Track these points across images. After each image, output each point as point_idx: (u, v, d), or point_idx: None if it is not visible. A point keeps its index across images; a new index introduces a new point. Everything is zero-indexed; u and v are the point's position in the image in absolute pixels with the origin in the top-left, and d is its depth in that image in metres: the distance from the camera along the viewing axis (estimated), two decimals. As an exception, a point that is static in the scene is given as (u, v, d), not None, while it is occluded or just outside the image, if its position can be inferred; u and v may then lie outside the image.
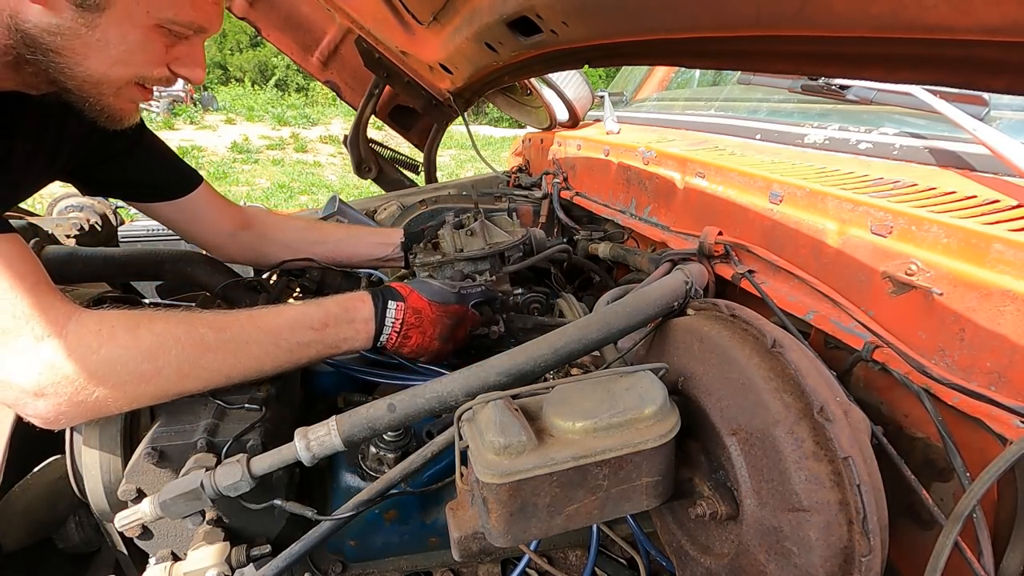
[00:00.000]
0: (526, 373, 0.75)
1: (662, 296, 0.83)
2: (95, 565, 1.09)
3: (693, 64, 1.61)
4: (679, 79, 2.26)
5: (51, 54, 0.79)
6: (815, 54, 0.56)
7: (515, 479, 0.59)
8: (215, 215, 1.27)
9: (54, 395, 0.72)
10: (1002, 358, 0.62)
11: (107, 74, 0.84)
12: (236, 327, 0.84)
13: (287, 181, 8.42)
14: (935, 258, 0.69)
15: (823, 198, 0.87)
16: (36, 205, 3.42)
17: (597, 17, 0.74)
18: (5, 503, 0.93)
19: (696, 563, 0.74)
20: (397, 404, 0.74)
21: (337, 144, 10.71)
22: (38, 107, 0.88)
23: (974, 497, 0.53)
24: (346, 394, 1.10)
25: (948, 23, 0.38)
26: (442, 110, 2.04)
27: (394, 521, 0.96)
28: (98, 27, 0.79)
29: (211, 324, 0.82)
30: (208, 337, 0.81)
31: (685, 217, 1.21)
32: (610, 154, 1.59)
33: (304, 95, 13.90)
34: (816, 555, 0.57)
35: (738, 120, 1.50)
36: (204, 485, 0.73)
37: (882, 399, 0.79)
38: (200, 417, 0.84)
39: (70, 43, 0.79)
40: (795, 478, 0.59)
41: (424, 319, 0.97)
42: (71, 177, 1.11)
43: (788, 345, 0.66)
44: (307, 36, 2.03)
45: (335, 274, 1.39)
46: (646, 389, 0.65)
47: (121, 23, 0.80)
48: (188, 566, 0.76)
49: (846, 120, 1.19)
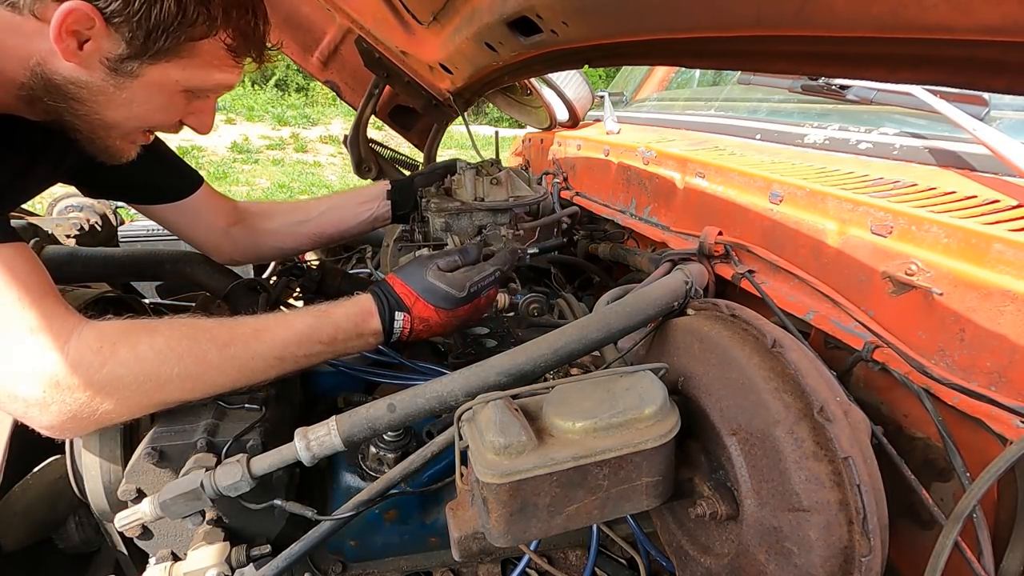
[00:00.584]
0: (526, 373, 0.75)
1: (662, 296, 0.83)
2: (95, 565, 1.09)
3: (693, 64, 1.61)
4: (679, 79, 2.26)
5: (71, 102, 0.81)
6: (815, 54, 0.56)
7: (515, 479, 0.59)
8: (213, 215, 1.27)
9: (58, 410, 0.72)
10: (1002, 358, 0.62)
11: (121, 123, 0.86)
12: (241, 343, 0.82)
13: (287, 181, 8.42)
14: (935, 258, 0.69)
15: (823, 198, 0.87)
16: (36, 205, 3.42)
17: (597, 17, 0.74)
18: (5, 503, 0.93)
19: (696, 563, 0.74)
20: (397, 404, 0.74)
21: (337, 144, 10.70)
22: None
23: (974, 497, 0.53)
24: (346, 394, 1.10)
25: (948, 23, 0.38)
26: (442, 110, 2.03)
27: (394, 521, 0.96)
28: (127, 89, 0.81)
29: (215, 339, 0.80)
30: (211, 354, 0.79)
31: (685, 217, 1.21)
32: (610, 154, 1.59)
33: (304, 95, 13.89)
34: (816, 555, 0.57)
35: (738, 120, 1.50)
36: (204, 485, 0.72)
37: (882, 399, 0.79)
38: (200, 417, 0.84)
39: (94, 96, 0.81)
40: (795, 478, 0.59)
41: (432, 325, 0.96)
42: (74, 179, 1.11)
43: (788, 345, 0.66)
44: (307, 36, 2.03)
45: (335, 275, 1.39)
46: (646, 389, 0.65)
47: (150, 87, 0.83)
48: (188, 566, 0.76)
49: (846, 120, 1.19)
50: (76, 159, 0.98)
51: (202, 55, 0.83)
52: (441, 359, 1.15)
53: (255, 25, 0.87)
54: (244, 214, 1.32)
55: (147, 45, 0.77)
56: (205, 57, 0.83)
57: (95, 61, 0.77)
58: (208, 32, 0.81)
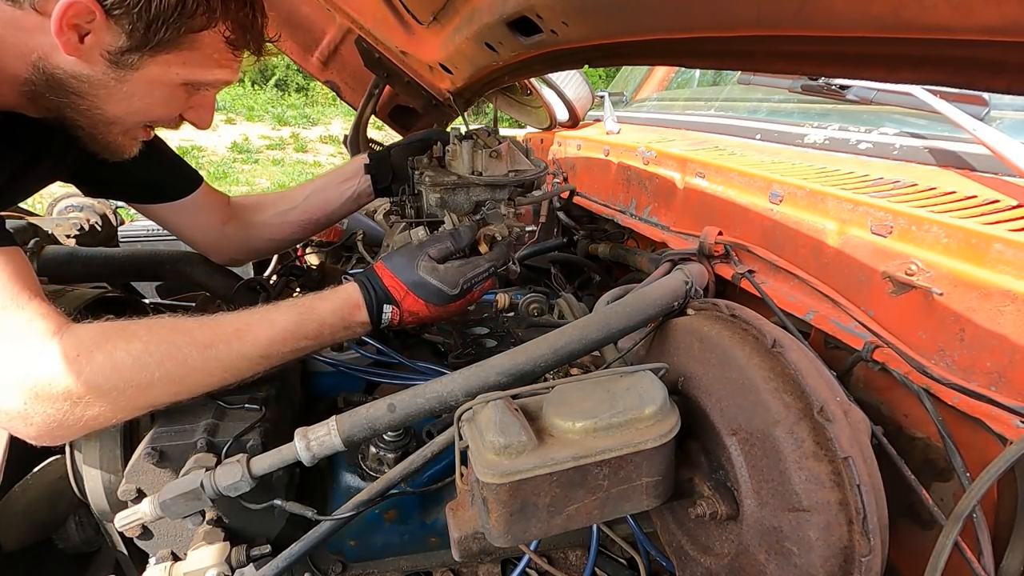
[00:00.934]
0: (526, 373, 0.75)
1: (662, 296, 0.83)
2: (95, 565, 1.09)
3: (693, 64, 1.61)
4: (679, 79, 2.26)
5: (73, 97, 0.81)
6: (815, 54, 0.56)
7: (515, 479, 0.59)
8: (211, 214, 1.26)
9: (41, 421, 0.72)
10: (1002, 358, 0.62)
11: (122, 118, 0.86)
12: (223, 344, 0.80)
13: (287, 181, 8.41)
14: (935, 258, 0.69)
15: (823, 198, 0.87)
16: (36, 205, 3.42)
17: (597, 17, 0.74)
18: (5, 503, 0.93)
19: (696, 563, 0.74)
20: (397, 404, 0.74)
21: (337, 144, 10.70)
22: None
23: (974, 497, 0.53)
24: (346, 394, 1.10)
25: (948, 23, 0.38)
26: (442, 110, 2.03)
27: (394, 521, 0.96)
28: (127, 82, 0.81)
29: (195, 341, 0.79)
30: (193, 357, 0.78)
31: (685, 217, 1.21)
32: (610, 154, 1.59)
33: (304, 95, 13.88)
34: (816, 555, 0.57)
35: (738, 120, 1.50)
36: (204, 485, 0.72)
37: (882, 399, 0.79)
38: (200, 417, 0.84)
39: (95, 91, 0.81)
40: (795, 478, 0.59)
41: (421, 318, 0.95)
42: (73, 178, 1.11)
43: (788, 345, 0.66)
44: (307, 36, 2.03)
45: (335, 275, 1.39)
46: (646, 389, 0.65)
47: (150, 80, 0.83)
48: (188, 566, 0.76)
49: (846, 120, 1.19)
50: (76, 157, 0.98)
51: (202, 48, 0.83)
52: (441, 359, 1.15)
53: (253, 17, 0.87)
54: (236, 209, 1.32)
55: (147, 37, 0.77)
56: (205, 50, 0.83)
57: (96, 54, 0.77)
58: (208, 24, 0.81)
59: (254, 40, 0.89)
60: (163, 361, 0.76)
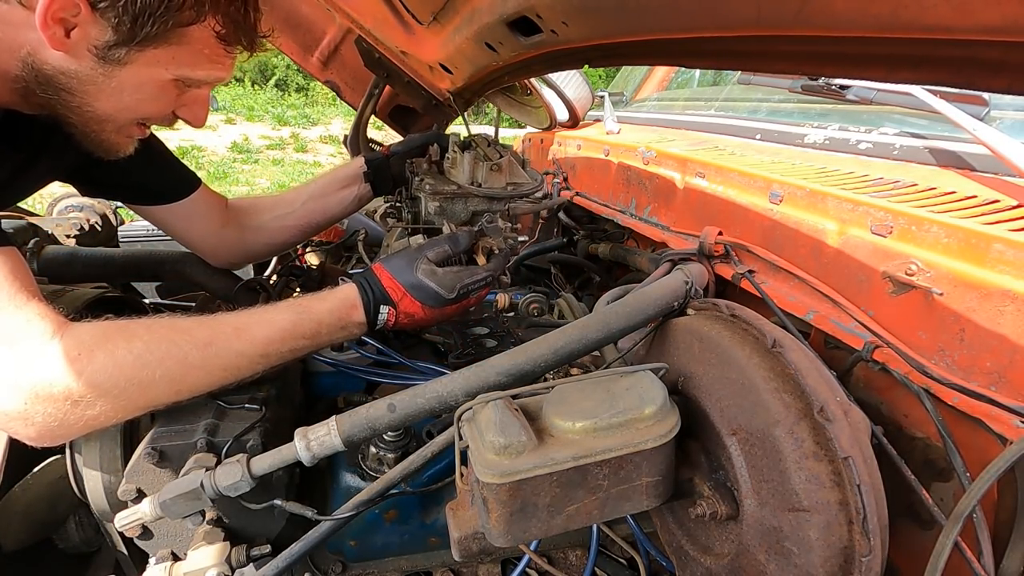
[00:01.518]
0: (526, 373, 0.75)
1: (662, 296, 0.83)
2: (95, 565, 1.09)
3: (693, 64, 1.61)
4: (679, 79, 2.26)
5: (62, 93, 0.80)
6: (815, 54, 0.56)
7: (515, 479, 0.59)
8: (209, 217, 1.26)
9: (42, 422, 0.72)
10: (1002, 358, 0.62)
11: (113, 115, 0.85)
12: (222, 342, 0.80)
13: (287, 181, 8.41)
14: (935, 258, 0.69)
15: (823, 198, 0.87)
16: (36, 205, 3.42)
17: (597, 17, 0.74)
18: (5, 503, 0.93)
19: (696, 563, 0.74)
20: (397, 404, 0.74)
21: (337, 144, 10.70)
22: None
23: (974, 497, 0.53)
24: (346, 394, 1.10)
25: (948, 23, 0.38)
26: (442, 110, 2.03)
27: (394, 521, 0.96)
28: (116, 77, 0.80)
29: (195, 340, 0.79)
30: (192, 356, 0.78)
31: (685, 217, 1.21)
32: (610, 154, 1.59)
33: (304, 95, 13.89)
34: (816, 555, 0.57)
35: (738, 120, 1.50)
36: (204, 485, 0.72)
37: (882, 399, 0.79)
38: (200, 417, 0.84)
39: (84, 87, 0.80)
40: (795, 478, 0.59)
41: (417, 320, 0.95)
42: (70, 178, 1.11)
43: (788, 345, 0.66)
44: (307, 36, 2.03)
45: (335, 275, 1.39)
46: (646, 389, 0.65)
47: (139, 76, 0.82)
48: (188, 566, 0.76)
49: (846, 120, 1.19)
50: (75, 157, 0.98)
51: (191, 42, 0.81)
52: (441, 359, 1.15)
53: (245, 12, 0.85)
54: (233, 212, 1.31)
55: (134, 31, 0.76)
56: (194, 45, 0.82)
57: (83, 49, 0.76)
58: (196, 18, 0.79)
59: (246, 36, 0.88)
60: (164, 359, 0.76)
